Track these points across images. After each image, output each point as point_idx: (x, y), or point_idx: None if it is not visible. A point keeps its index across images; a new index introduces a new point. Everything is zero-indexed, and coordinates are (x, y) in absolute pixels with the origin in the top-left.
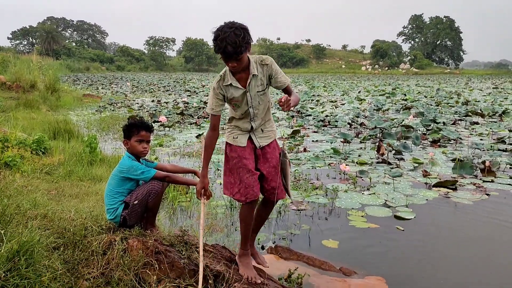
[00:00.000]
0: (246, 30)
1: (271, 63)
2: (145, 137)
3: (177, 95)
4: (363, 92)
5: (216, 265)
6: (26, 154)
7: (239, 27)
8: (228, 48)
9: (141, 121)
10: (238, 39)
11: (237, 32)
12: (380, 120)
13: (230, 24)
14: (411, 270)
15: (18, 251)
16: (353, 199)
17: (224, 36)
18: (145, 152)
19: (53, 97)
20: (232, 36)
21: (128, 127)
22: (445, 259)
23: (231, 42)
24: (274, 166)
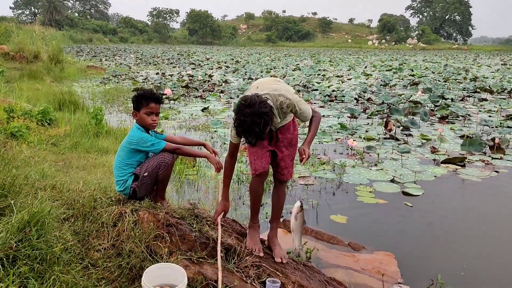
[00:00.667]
0: (266, 113)
1: (292, 108)
2: (154, 109)
3: (181, 68)
4: (369, 67)
5: (228, 238)
6: (32, 125)
7: (258, 111)
8: (249, 140)
9: (150, 92)
10: (259, 128)
11: (257, 121)
12: (388, 95)
13: (249, 110)
14: (420, 246)
15: (28, 221)
16: (361, 174)
17: (246, 128)
18: (154, 124)
19: (57, 68)
20: (253, 127)
21: (137, 98)
22: (453, 236)
23: (253, 134)
24: (285, 145)
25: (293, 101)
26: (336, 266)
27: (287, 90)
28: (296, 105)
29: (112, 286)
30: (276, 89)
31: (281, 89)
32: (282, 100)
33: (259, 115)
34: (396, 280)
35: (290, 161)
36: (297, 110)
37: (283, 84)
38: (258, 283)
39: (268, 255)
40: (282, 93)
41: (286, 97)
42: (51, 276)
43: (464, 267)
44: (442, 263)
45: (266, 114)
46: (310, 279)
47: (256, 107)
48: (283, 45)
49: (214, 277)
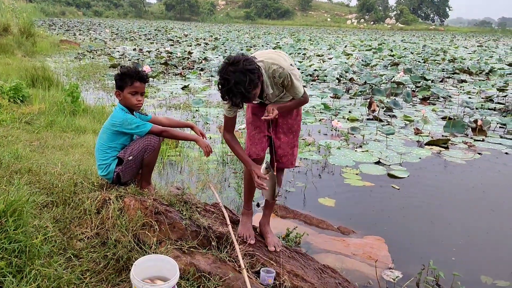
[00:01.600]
0: (251, 70)
1: (285, 78)
2: (139, 88)
3: (159, 44)
4: (349, 46)
5: (219, 226)
6: (4, 102)
7: (242, 69)
8: (233, 100)
9: (135, 70)
10: (244, 86)
11: (242, 79)
12: (370, 76)
13: (233, 68)
14: (409, 230)
15: (4, 211)
16: (346, 156)
17: (229, 87)
18: (139, 105)
19: (28, 42)
20: (237, 86)
21: (121, 77)
22: (442, 219)
23: (237, 93)
24: (284, 132)
25: (286, 70)
26: (326, 251)
27: (284, 60)
28: (289, 76)
29: (98, 278)
30: (272, 57)
31: (278, 58)
32: (275, 68)
33: (243, 73)
34: (387, 265)
35: (289, 148)
36: (289, 83)
37: (283, 55)
38: (252, 272)
39: (261, 243)
40: (276, 62)
41: (280, 65)
42: (31, 270)
43: (454, 251)
44: (432, 248)
45: (251, 71)
46: (305, 267)
47: (241, 64)
48: (262, 23)
49: (207, 269)
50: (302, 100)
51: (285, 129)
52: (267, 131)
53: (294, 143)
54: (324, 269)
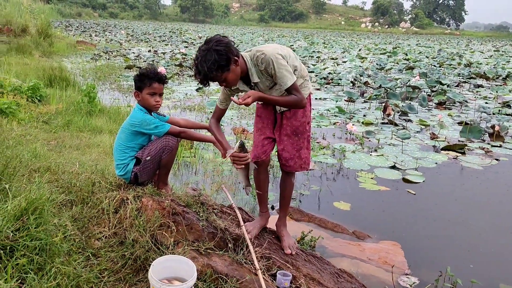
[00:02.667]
0: (219, 51)
1: (267, 65)
2: (157, 89)
3: (174, 46)
4: (363, 50)
5: (235, 228)
6: (22, 102)
7: (211, 49)
8: (197, 77)
9: (153, 71)
10: (208, 65)
11: (208, 58)
12: (385, 79)
13: (205, 46)
14: (426, 236)
15: (26, 209)
16: (361, 160)
17: (196, 63)
18: (157, 106)
19: (46, 42)
20: (202, 64)
21: (140, 78)
22: (460, 226)
23: (201, 70)
24: (287, 134)
25: (269, 56)
26: (341, 255)
27: (273, 49)
28: (271, 62)
29: (116, 277)
30: (261, 46)
31: (265, 46)
32: (257, 55)
33: (211, 52)
34: (403, 271)
35: (295, 151)
36: (271, 71)
37: (276, 45)
38: (269, 275)
39: (278, 246)
40: (261, 49)
41: (263, 51)
42: (51, 268)
43: (472, 258)
44: (449, 254)
45: (218, 51)
46: (321, 271)
47: (211, 44)
48: (276, 26)
49: (224, 271)
50: (294, 99)
51: (288, 131)
52: (272, 133)
53: (300, 145)
54: (341, 273)
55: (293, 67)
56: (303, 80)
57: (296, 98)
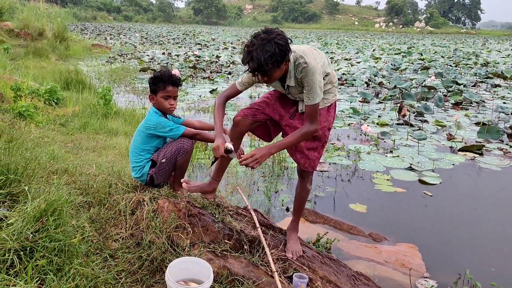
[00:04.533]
0: (281, 46)
1: (305, 75)
2: (172, 92)
3: (187, 48)
4: (377, 50)
5: (251, 230)
6: (39, 104)
7: (273, 40)
8: (250, 64)
9: (168, 74)
10: (265, 56)
11: (267, 48)
12: (400, 80)
13: (264, 35)
14: (444, 238)
15: (45, 210)
16: (377, 161)
17: (251, 50)
18: (172, 109)
19: (62, 46)
20: (260, 52)
21: (154, 81)
22: (477, 226)
23: (256, 58)
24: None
25: (311, 69)
26: (357, 258)
27: (314, 60)
28: (309, 75)
29: (133, 278)
30: (304, 51)
31: (309, 54)
32: (301, 62)
33: (271, 43)
34: (421, 274)
35: (307, 150)
36: (305, 84)
37: (318, 55)
38: (285, 278)
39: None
40: (305, 57)
41: (307, 61)
42: (70, 269)
43: (492, 261)
44: (468, 257)
45: (279, 46)
46: (338, 274)
47: (273, 35)
48: (289, 27)
49: (241, 272)
50: (305, 132)
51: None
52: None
53: (314, 146)
54: (358, 276)
55: (325, 73)
56: (331, 86)
57: (307, 129)
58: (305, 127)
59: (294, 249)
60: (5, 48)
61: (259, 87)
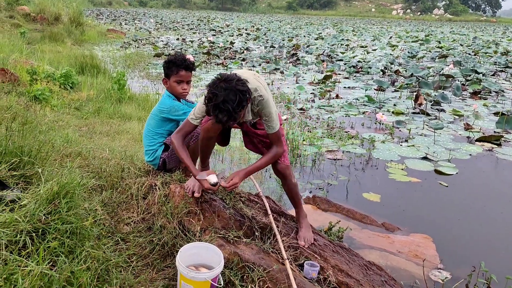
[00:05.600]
0: (243, 92)
1: (262, 108)
2: (184, 77)
3: (201, 34)
4: (394, 38)
5: (263, 217)
6: (55, 88)
7: (235, 88)
8: (220, 117)
9: (181, 59)
10: (233, 105)
11: (232, 98)
12: (417, 68)
13: (225, 84)
14: (458, 229)
15: (58, 192)
16: (391, 150)
17: (217, 103)
18: (184, 93)
19: (78, 31)
20: (226, 103)
21: (167, 65)
22: (494, 218)
23: (224, 111)
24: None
25: (266, 101)
26: (370, 247)
27: (265, 89)
28: (266, 107)
29: (144, 262)
30: (255, 83)
31: (259, 86)
32: (255, 95)
33: (234, 92)
34: (435, 265)
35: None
36: (263, 115)
37: (262, 82)
38: (296, 265)
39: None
40: (258, 90)
41: (261, 94)
42: (82, 252)
43: (508, 254)
44: (483, 249)
45: (242, 92)
46: (349, 263)
47: (233, 83)
48: (304, 13)
49: (251, 259)
50: (273, 154)
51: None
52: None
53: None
54: (370, 265)
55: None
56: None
57: (275, 152)
58: (273, 150)
59: (306, 237)
60: (21, 32)
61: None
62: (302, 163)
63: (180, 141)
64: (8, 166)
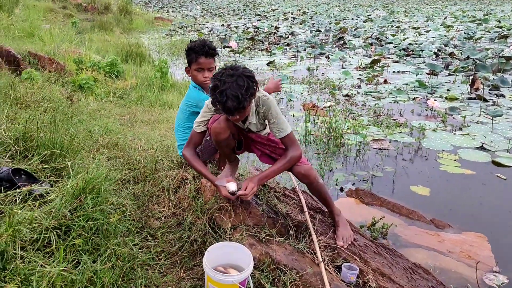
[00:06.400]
0: (251, 78)
1: (267, 109)
2: (204, 64)
3: (246, 20)
4: (449, 18)
5: (298, 214)
6: (100, 77)
7: (242, 74)
8: (228, 103)
9: (200, 44)
10: (241, 91)
11: (240, 83)
12: (474, 50)
13: (231, 71)
14: None
15: (84, 188)
16: (443, 139)
17: (224, 88)
18: (207, 82)
19: (126, 19)
20: (234, 88)
21: (188, 52)
22: None
23: (232, 96)
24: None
25: (271, 100)
26: (416, 246)
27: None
28: (272, 107)
29: (172, 260)
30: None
31: (260, 90)
32: (259, 96)
33: (242, 78)
34: (490, 267)
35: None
36: (270, 117)
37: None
38: (333, 267)
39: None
40: (261, 89)
41: (264, 93)
42: (106, 250)
43: None
44: None
45: (250, 78)
46: (393, 265)
47: (240, 70)
48: None
49: (284, 261)
50: (291, 158)
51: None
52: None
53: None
54: (415, 268)
55: None
56: None
57: (291, 155)
58: (289, 153)
59: (344, 236)
60: (73, 22)
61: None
62: (346, 153)
63: (191, 153)
64: (40, 159)
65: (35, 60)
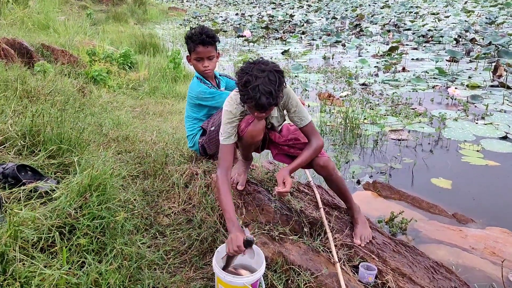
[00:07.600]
0: (281, 73)
1: (287, 97)
2: (203, 53)
3: (261, 8)
4: (470, 2)
5: (313, 210)
6: (113, 69)
7: (273, 69)
8: (262, 100)
9: (197, 33)
10: (274, 86)
11: (271, 78)
12: (496, 35)
13: (262, 66)
14: None
15: (89, 185)
16: (465, 129)
17: (257, 84)
18: (207, 71)
19: (140, 10)
20: (267, 84)
21: (186, 41)
22: None
23: (265, 92)
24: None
25: (289, 89)
26: (438, 242)
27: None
28: (291, 96)
29: (181, 259)
30: None
31: None
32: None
33: (273, 73)
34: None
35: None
36: (290, 106)
37: None
38: (350, 267)
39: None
40: None
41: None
42: (112, 249)
43: None
44: None
45: (280, 73)
46: (413, 265)
47: (270, 65)
48: None
49: (298, 261)
50: (314, 148)
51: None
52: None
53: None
54: (437, 267)
55: None
56: None
57: (316, 144)
58: (313, 142)
59: (363, 234)
60: (88, 13)
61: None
62: (362, 144)
63: (224, 177)
64: (47, 154)
65: (48, 53)
